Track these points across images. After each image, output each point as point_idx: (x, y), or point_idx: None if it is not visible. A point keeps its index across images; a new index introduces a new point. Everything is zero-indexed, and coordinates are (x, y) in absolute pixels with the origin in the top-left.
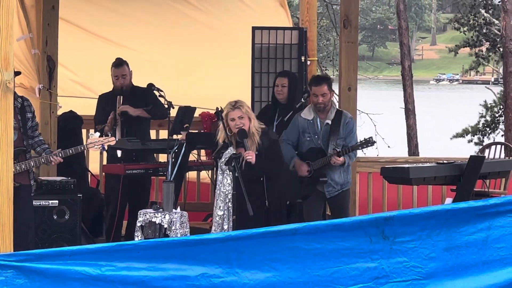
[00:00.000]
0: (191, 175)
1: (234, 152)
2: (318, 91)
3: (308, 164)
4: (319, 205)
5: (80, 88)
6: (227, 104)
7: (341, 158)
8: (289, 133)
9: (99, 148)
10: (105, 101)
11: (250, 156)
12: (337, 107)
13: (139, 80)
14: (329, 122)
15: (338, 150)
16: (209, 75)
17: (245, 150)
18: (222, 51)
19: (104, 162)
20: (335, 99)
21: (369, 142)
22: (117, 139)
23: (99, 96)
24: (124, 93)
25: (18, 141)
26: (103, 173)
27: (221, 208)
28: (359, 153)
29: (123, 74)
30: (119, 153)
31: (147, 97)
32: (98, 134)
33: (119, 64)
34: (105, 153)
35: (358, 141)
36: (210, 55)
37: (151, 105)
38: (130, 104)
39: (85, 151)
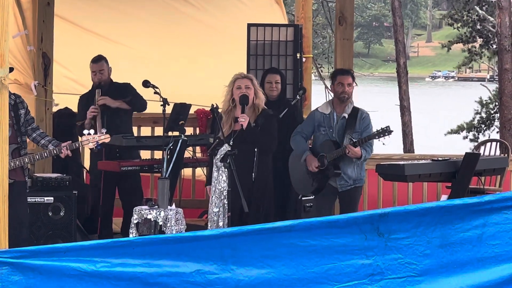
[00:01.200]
0: (186, 172)
1: (230, 149)
2: (345, 80)
3: (322, 158)
4: (331, 200)
5: (75, 85)
6: (236, 74)
7: (357, 149)
8: (304, 126)
9: (94, 145)
10: (86, 100)
11: (244, 119)
12: None
13: (134, 77)
14: (346, 115)
15: (354, 140)
16: (204, 72)
17: (242, 113)
18: (217, 48)
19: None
20: None
21: (386, 131)
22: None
23: (80, 97)
24: (103, 88)
25: (12, 137)
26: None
27: (216, 204)
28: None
29: (100, 69)
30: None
31: (126, 92)
32: (92, 131)
33: (97, 59)
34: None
35: (375, 130)
36: (205, 52)
37: (130, 96)
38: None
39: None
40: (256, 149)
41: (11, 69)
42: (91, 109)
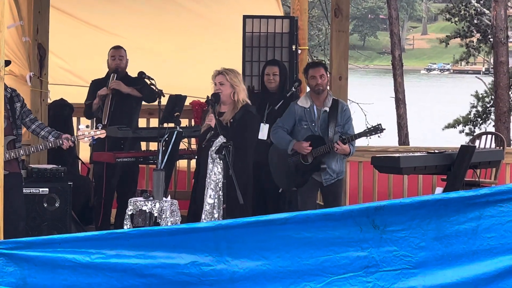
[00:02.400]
0: (182, 163)
1: (225, 140)
2: (317, 72)
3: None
4: (314, 194)
5: (71, 76)
6: (216, 69)
7: (346, 146)
8: (285, 120)
9: (89, 140)
10: (99, 84)
11: (209, 121)
12: None
13: (130, 68)
14: (327, 109)
15: (343, 137)
16: (200, 64)
17: (211, 113)
18: (213, 40)
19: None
20: None
21: (378, 129)
22: (105, 117)
23: (92, 81)
24: (118, 74)
25: (8, 129)
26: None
27: (212, 196)
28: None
29: (120, 55)
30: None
31: (138, 85)
32: (87, 126)
33: (118, 47)
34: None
35: (366, 128)
36: (201, 43)
37: (142, 84)
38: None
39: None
40: (230, 146)
41: (8, 62)
42: (102, 89)
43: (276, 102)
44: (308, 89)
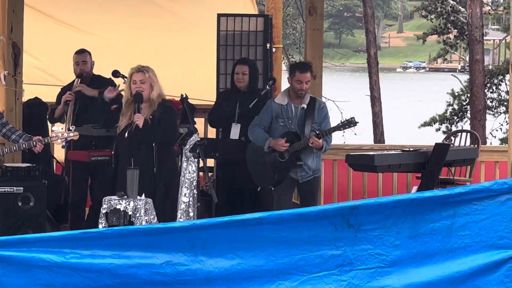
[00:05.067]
0: None
1: (199, 139)
2: (304, 78)
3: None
4: (290, 191)
5: (45, 75)
6: (133, 67)
7: (320, 140)
8: (262, 117)
9: (62, 142)
10: (65, 92)
11: (137, 119)
12: None
13: (105, 67)
14: (304, 106)
15: (317, 132)
16: (174, 62)
17: (136, 112)
18: (187, 38)
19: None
20: None
21: (351, 123)
22: (69, 121)
23: (61, 89)
24: (84, 80)
25: None
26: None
27: (186, 195)
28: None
29: (83, 60)
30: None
31: (107, 85)
32: (61, 127)
33: (81, 51)
34: None
35: (340, 121)
36: (175, 42)
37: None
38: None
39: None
40: (154, 144)
41: None
42: (66, 94)
43: (246, 101)
44: (283, 86)
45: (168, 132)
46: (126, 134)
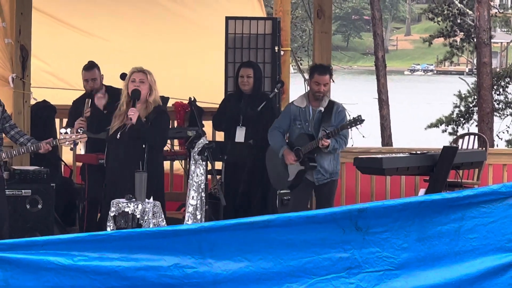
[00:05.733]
0: (164, 165)
1: (207, 142)
2: (322, 80)
3: (297, 151)
4: (307, 194)
5: (53, 78)
6: (134, 67)
7: (329, 140)
8: (281, 121)
9: (70, 144)
10: (77, 106)
11: (132, 113)
12: None
13: (112, 72)
14: (322, 109)
15: (327, 131)
16: (182, 65)
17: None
18: (195, 41)
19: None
20: None
21: (358, 120)
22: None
23: (73, 101)
24: (93, 99)
25: None
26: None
27: (194, 198)
28: None
29: (92, 77)
30: (82, 150)
31: (118, 97)
32: (69, 130)
33: (89, 67)
34: None
35: (346, 120)
36: (183, 45)
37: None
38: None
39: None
40: (144, 146)
41: None
42: (78, 121)
43: (251, 104)
44: (291, 89)
45: (159, 136)
46: (118, 135)
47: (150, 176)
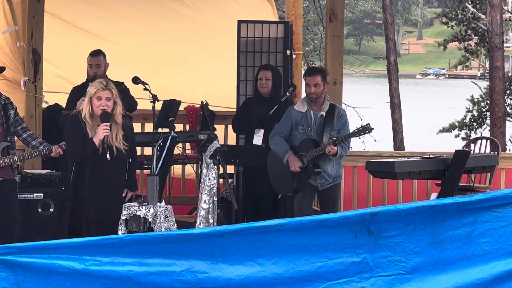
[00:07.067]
0: (176, 168)
1: (219, 145)
2: (311, 81)
3: (301, 157)
4: (310, 198)
5: (65, 83)
6: (97, 82)
7: (336, 147)
8: (282, 125)
9: None
10: (79, 92)
11: (104, 127)
12: None
13: (124, 74)
14: (323, 114)
15: (334, 138)
16: (194, 69)
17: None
18: (207, 45)
19: None
20: None
21: (366, 129)
22: None
23: (73, 88)
24: None
25: (1, 136)
26: None
27: (206, 201)
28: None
29: (97, 63)
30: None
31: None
32: None
33: (96, 53)
34: None
35: (355, 128)
36: (195, 48)
37: (122, 95)
38: None
39: None
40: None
41: (3, 69)
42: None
43: (269, 107)
44: (303, 93)
45: (135, 147)
46: (108, 157)
47: (131, 183)
